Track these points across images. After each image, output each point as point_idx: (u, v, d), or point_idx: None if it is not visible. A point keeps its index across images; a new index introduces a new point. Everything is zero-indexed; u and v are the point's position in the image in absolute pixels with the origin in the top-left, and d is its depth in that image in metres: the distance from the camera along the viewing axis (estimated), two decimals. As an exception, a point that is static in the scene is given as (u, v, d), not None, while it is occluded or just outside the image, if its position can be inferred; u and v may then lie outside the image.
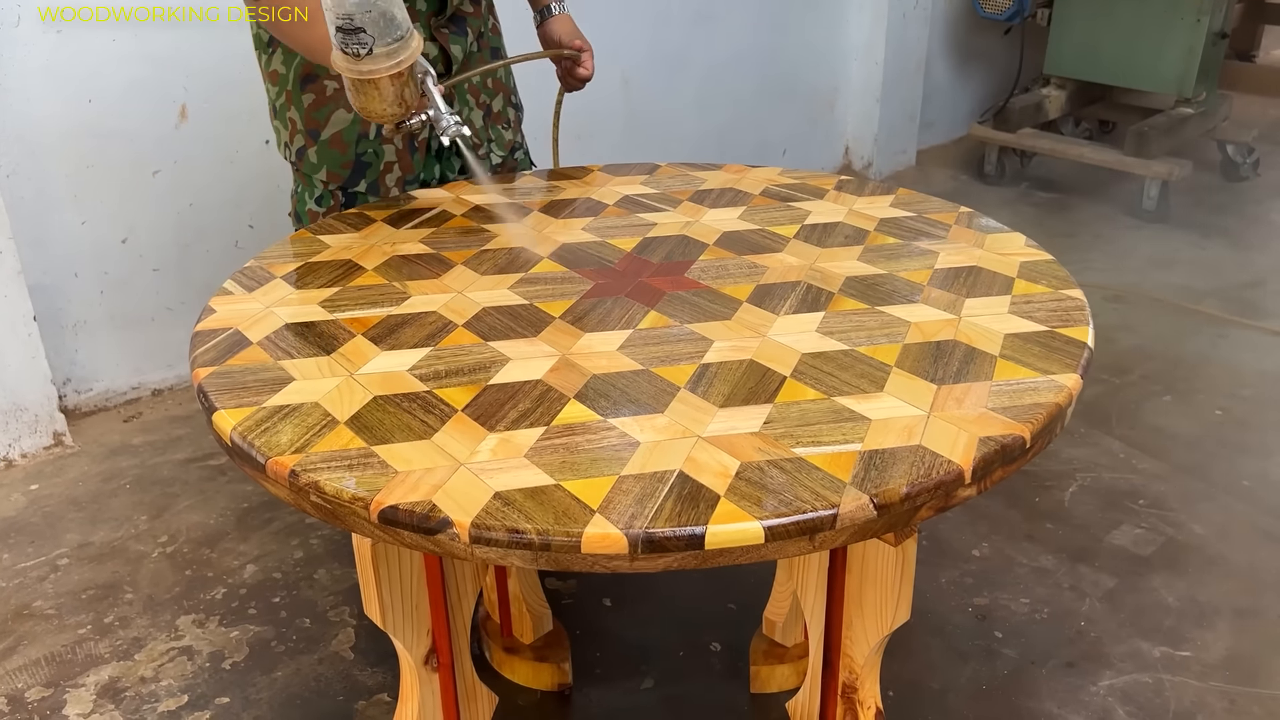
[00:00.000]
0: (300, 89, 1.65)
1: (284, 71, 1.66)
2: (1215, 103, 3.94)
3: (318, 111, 1.65)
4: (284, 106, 1.68)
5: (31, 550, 2.10)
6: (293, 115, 1.67)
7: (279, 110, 1.70)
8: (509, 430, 0.97)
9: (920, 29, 4.17)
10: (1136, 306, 3.10)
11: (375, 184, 1.69)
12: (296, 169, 1.73)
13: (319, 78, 1.64)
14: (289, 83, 1.66)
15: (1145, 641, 1.83)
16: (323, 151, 1.67)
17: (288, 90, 1.66)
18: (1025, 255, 1.36)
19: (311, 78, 1.64)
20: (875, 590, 1.15)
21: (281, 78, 1.66)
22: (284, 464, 0.93)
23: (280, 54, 1.65)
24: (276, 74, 1.67)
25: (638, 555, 0.84)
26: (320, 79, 1.64)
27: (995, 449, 0.93)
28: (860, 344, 1.12)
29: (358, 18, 1.26)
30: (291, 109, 1.67)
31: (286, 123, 1.69)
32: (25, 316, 2.33)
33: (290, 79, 1.65)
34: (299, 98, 1.65)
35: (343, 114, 1.65)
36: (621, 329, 1.17)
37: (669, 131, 3.64)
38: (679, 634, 1.87)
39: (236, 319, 1.21)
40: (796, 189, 1.64)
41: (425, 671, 1.25)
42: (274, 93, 1.69)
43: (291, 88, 1.66)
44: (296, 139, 1.69)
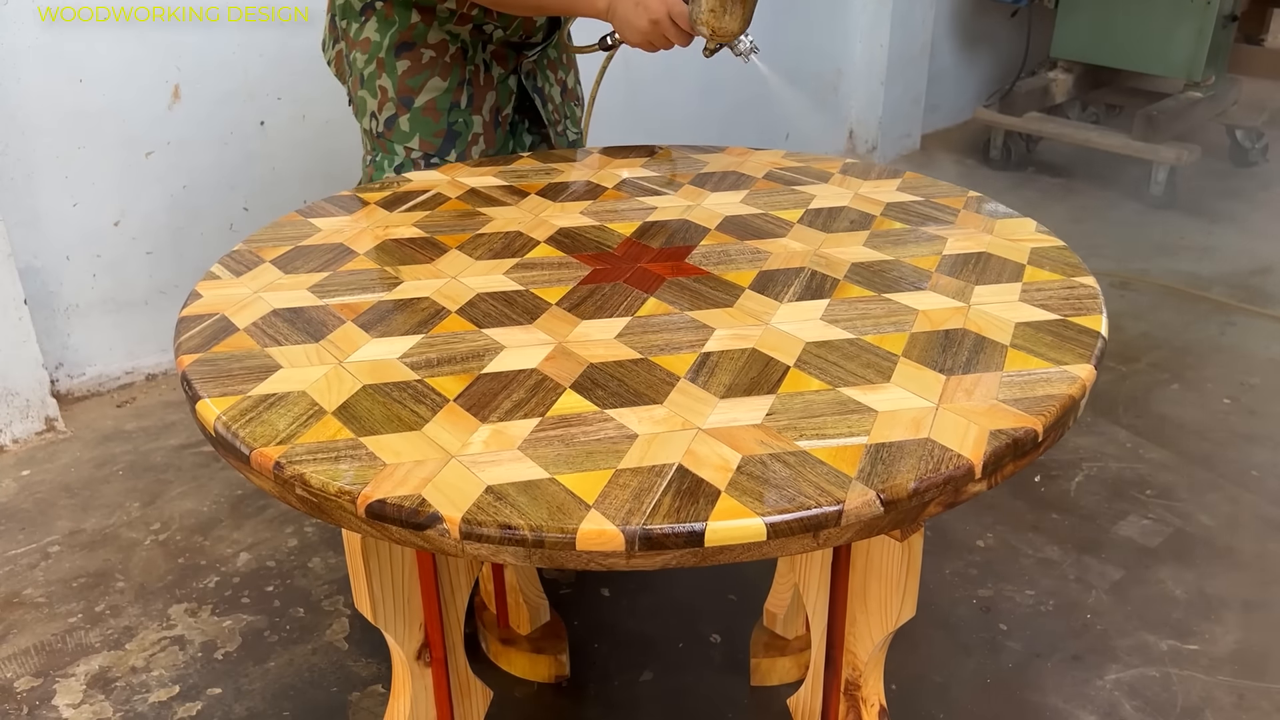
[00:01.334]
0: (395, 56, 1.65)
1: (377, 39, 1.66)
2: (1224, 87, 3.89)
3: (412, 79, 1.66)
4: (374, 74, 1.67)
5: (22, 537, 2.07)
6: (384, 83, 1.67)
7: (367, 79, 1.69)
8: (502, 421, 0.94)
9: (925, 11, 4.12)
10: (1144, 293, 3.07)
11: (463, 154, 1.70)
12: (382, 138, 1.71)
13: (415, 45, 1.65)
14: (382, 50, 1.66)
15: (1152, 634, 1.80)
16: (415, 119, 1.68)
17: (379, 58, 1.66)
18: (1036, 241, 1.32)
19: (408, 45, 1.65)
20: (880, 586, 1.12)
21: (374, 45, 1.66)
22: (269, 455, 0.90)
23: (375, 21, 1.65)
24: (369, 41, 1.67)
25: (634, 553, 0.80)
26: (416, 46, 1.65)
27: (1006, 443, 0.90)
28: (866, 333, 1.09)
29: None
30: (383, 76, 1.66)
31: (376, 91, 1.68)
32: (16, 300, 2.29)
33: (384, 46, 1.65)
34: (392, 65, 1.65)
35: (438, 81, 1.66)
36: (620, 316, 1.13)
37: (670, 113, 3.59)
38: (678, 625, 1.84)
39: (223, 304, 1.18)
40: (801, 172, 1.60)
41: (418, 666, 1.22)
42: (363, 61, 1.69)
43: (385, 55, 1.66)
44: (386, 107, 1.68)
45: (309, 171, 2.70)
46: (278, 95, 2.60)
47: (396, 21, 1.64)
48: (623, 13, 1.51)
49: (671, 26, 1.50)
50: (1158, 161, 3.67)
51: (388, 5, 1.65)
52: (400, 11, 1.64)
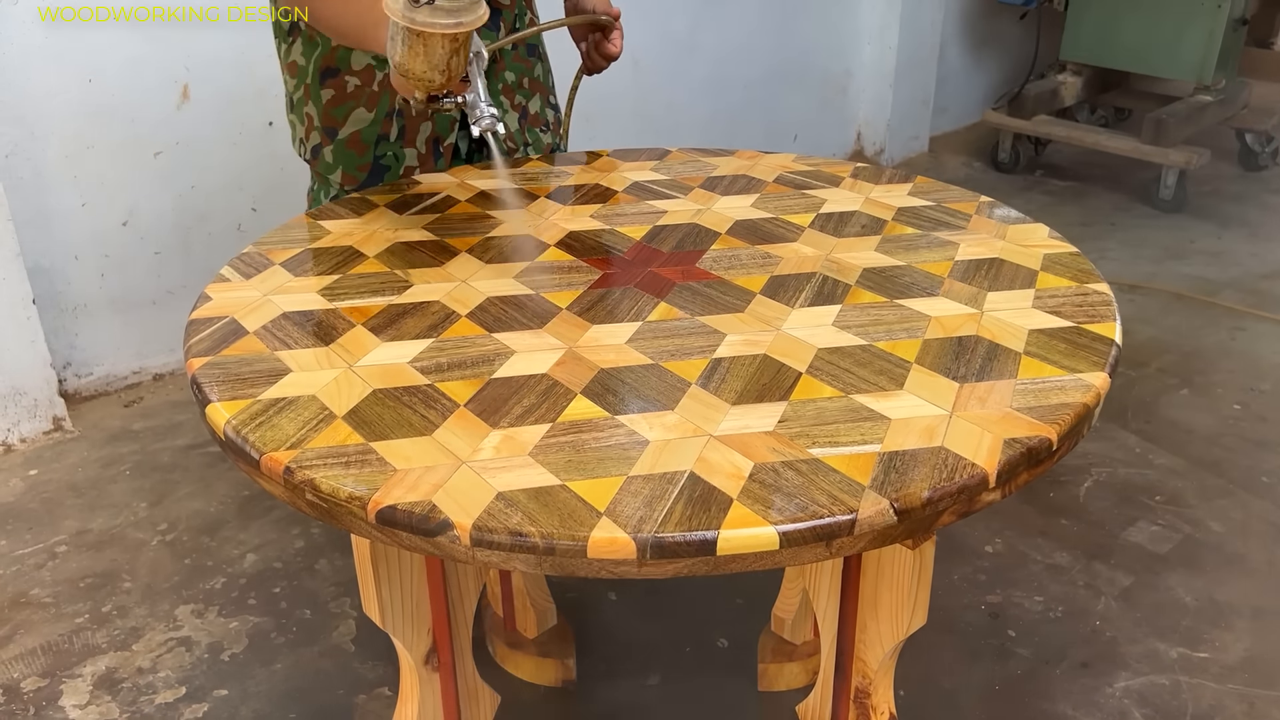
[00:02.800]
0: (319, 83, 1.56)
1: (303, 64, 1.57)
2: (1234, 90, 3.88)
3: (336, 108, 1.57)
4: (301, 100, 1.59)
5: (29, 537, 2.07)
6: (310, 110, 1.58)
7: (295, 104, 1.61)
8: (513, 427, 0.93)
9: (935, 12, 4.11)
10: (1153, 298, 3.06)
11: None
12: (312, 167, 1.64)
13: (340, 72, 1.55)
14: (308, 75, 1.57)
15: (1162, 642, 1.79)
16: (339, 151, 1.59)
17: (306, 84, 1.57)
18: (1048, 247, 1.31)
19: (332, 71, 1.55)
20: (891, 594, 1.11)
21: (300, 70, 1.57)
22: (278, 460, 0.89)
23: (300, 44, 1.56)
24: (295, 65, 1.58)
25: (646, 561, 0.80)
26: (341, 74, 1.55)
27: (1021, 452, 0.89)
28: (879, 339, 1.08)
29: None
30: (309, 104, 1.58)
31: (303, 118, 1.60)
32: (24, 299, 2.30)
33: (309, 72, 1.56)
34: (317, 92, 1.57)
35: (363, 112, 1.56)
36: (630, 321, 1.13)
37: (679, 115, 3.59)
38: (686, 630, 1.83)
39: (233, 307, 1.17)
40: (811, 176, 1.60)
41: (425, 671, 1.21)
42: (291, 85, 1.60)
43: (310, 81, 1.57)
44: (313, 136, 1.60)
45: (317, 172, 2.70)
46: (286, 96, 2.60)
47: (319, 44, 1.55)
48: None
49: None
50: (1167, 165, 3.66)
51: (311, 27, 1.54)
52: (323, 34, 1.53)
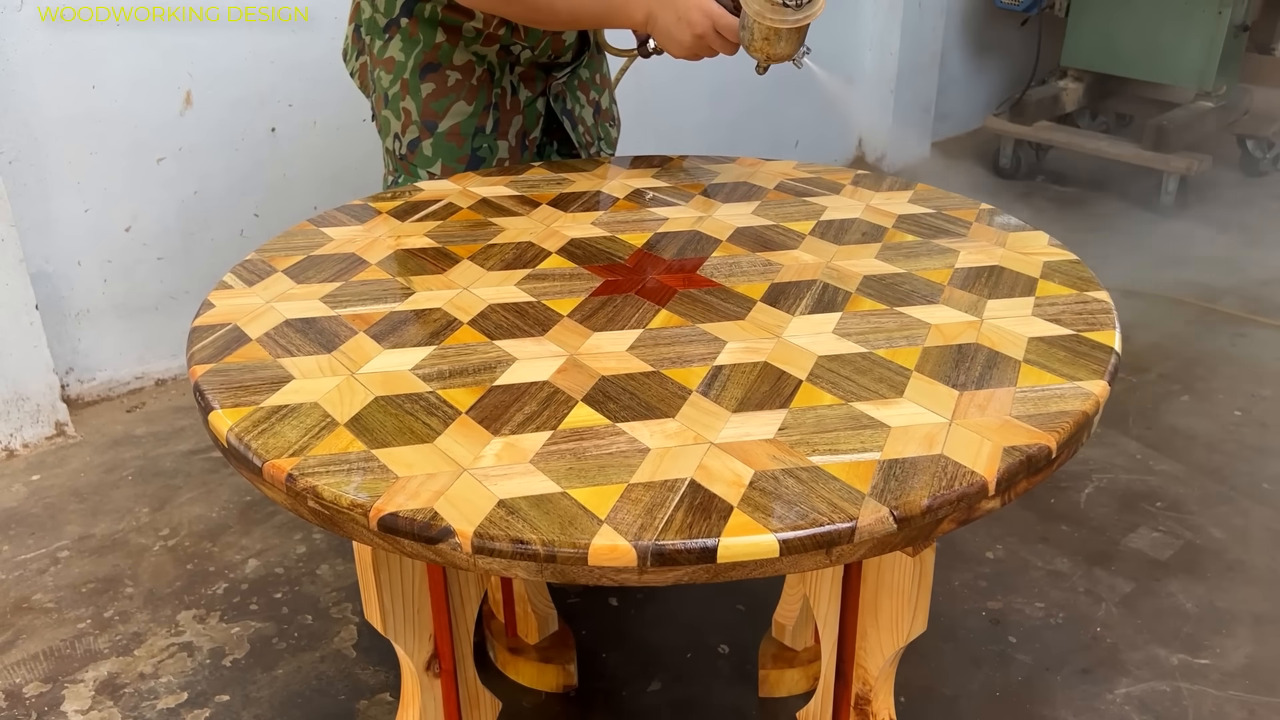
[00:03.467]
0: (419, 78, 1.59)
1: (402, 59, 1.60)
2: (1235, 96, 3.88)
3: (437, 102, 1.60)
4: (398, 95, 1.62)
5: (32, 542, 2.07)
6: (408, 105, 1.61)
7: (391, 100, 1.63)
8: (514, 434, 0.94)
9: (936, 19, 4.12)
10: (1154, 303, 3.06)
11: None
12: (405, 160, 1.66)
13: (441, 67, 1.59)
14: (406, 71, 1.60)
15: (1163, 648, 1.79)
16: (439, 144, 1.62)
17: (404, 79, 1.60)
18: (1048, 255, 1.32)
19: (433, 66, 1.59)
20: (891, 601, 1.11)
21: (399, 65, 1.61)
22: (281, 467, 0.90)
23: (399, 41, 1.60)
24: (393, 61, 1.61)
25: (647, 568, 0.80)
26: (443, 68, 1.59)
27: (1020, 460, 0.90)
28: (879, 346, 1.08)
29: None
30: (407, 98, 1.61)
31: (400, 113, 1.63)
32: (27, 305, 2.30)
33: (409, 67, 1.60)
34: (416, 87, 1.60)
35: (462, 105, 1.60)
36: (631, 329, 1.13)
37: (680, 122, 3.59)
38: (686, 636, 1.83)
39: (235, 314, 1.18)
40: (812, 183, 1.60)
41: (427, 677, 1.22)
42: (387, 80, 1.63)
43: (409, 76, 1.60)
44: (410, 130, 1.63)
45: (320, 178, 2.71)
46: (289, 102, 2.61)
47: (421, 40, 1.59)
48: (664, 25, 1.46)
49: (717, 38, 1.44)
50: (1168, 171, 3.67)
51: (413, 23, 1.60)
52: (425, 30, 1.60)
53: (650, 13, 1.46)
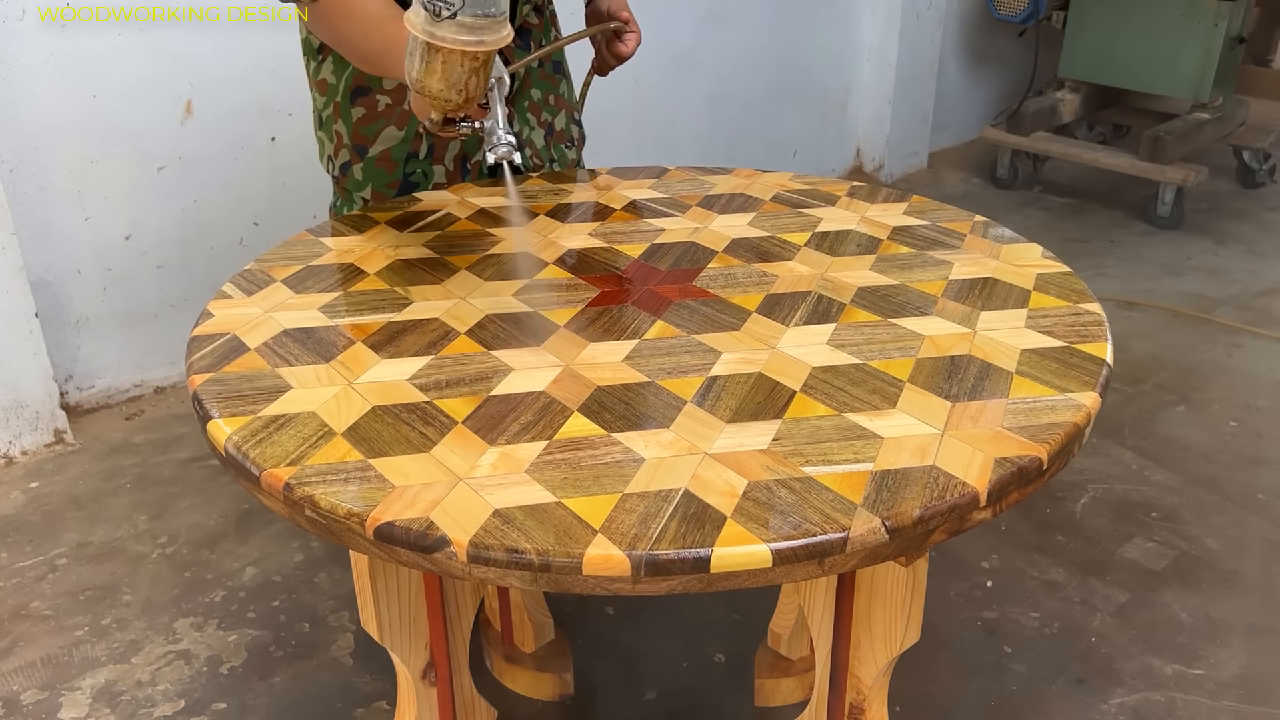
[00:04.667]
0: (350, 101, 1.58)
1: (334, 81, 1.58)
2: (1232, 108, 3.90)
3: (367, 126, 1.59)
4: (330, 118, 1.61)
5: (30, 549, 2.08)
6: (339, 128, 1.60)
7: (325, 121, 1.62)
8: (510, 444, 0.95)
9: (934, 30, 4.14)
10: (1150, 314, 3.07)
11: None
12: (339, 183, 1.66)
13: (371, 91, 1.57)
14: (338, 93, 1.58)
15: (1157, 658, 1.80)
16: (369, 169, 1.61)
17: (336, 101, 1.59)
18: (1042, 267, 1.33)
19: (363, 90, 1.57)
20: (885, 610, 1.12)
21: (330, 87, 1.59)
22: (279, 477, 0.91)
23: (331, 62, 1.58)
24: (325, 83, 1.60)
25: (641, 578, 0.81)
26: (372, 92, 1.57)
27: (1011, 471, 0.91)
28: (872, 358, 1.09)
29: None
30: (338, 121, 1.60)
31: (332, 135, 1.62)
32: (27, 313, 2.31)
33: (340, 89, 1.58)
34: (348, 110, 1.58)
35: (393, 130, 1.58)
36: (627, 339, 1.14)
37: (679, 131, 3.61)
38: (682, 644, 1.84)
39: (234, 324, 1.19)
40: (808, 195, 1.61)
41: (423, 686, 1.22)
42: (320, 102, 1.62)
43: (340, 99, 1.58)
44: (341, 153, 1.62)
45: (318, 187, 2.69)
46: (289, 111, 2.62)
47: (351, 65, 1.55)
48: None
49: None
50: (1165, 182, 3.68)
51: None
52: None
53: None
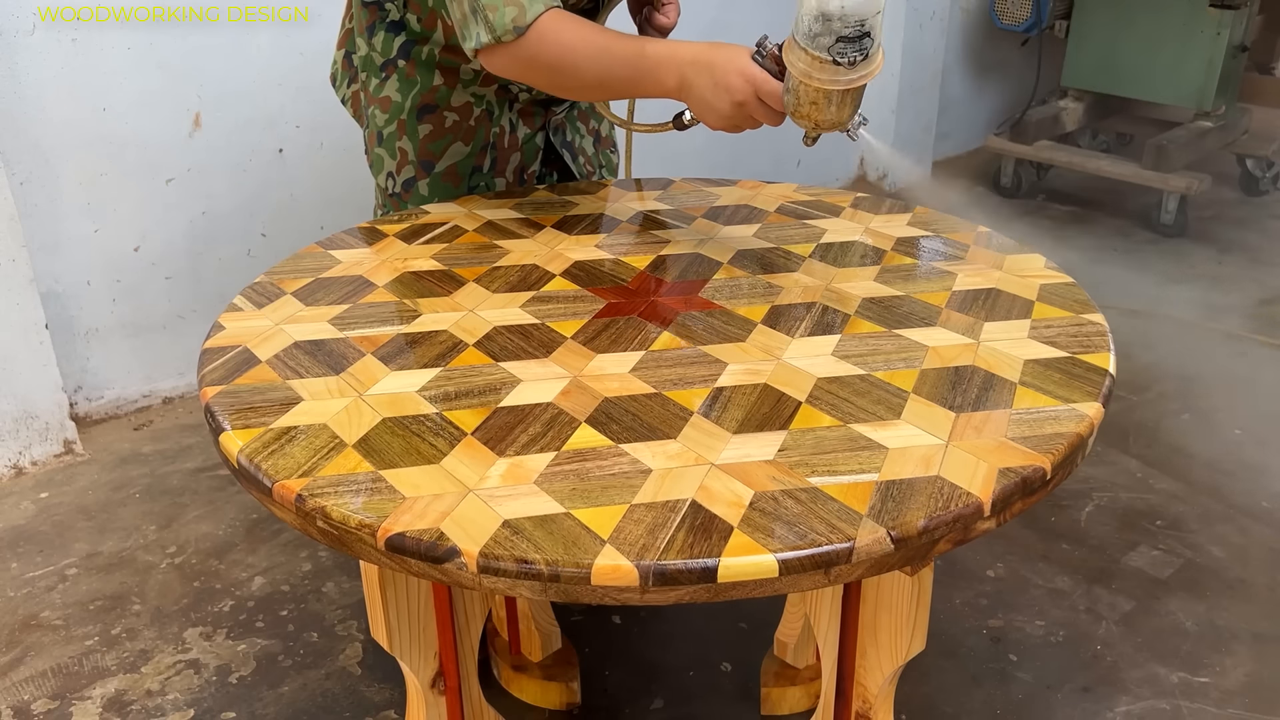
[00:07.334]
0: (417, 119, 1.60)
1: (399, 100, 1.60)
2: (1235, 116, 3.91)
3: (434, 143, 1.61)
4: (393, 135, 1.62)
5: (40, 559, 2.09)
6: (404, 145, 1.62)
7: (386, 138, 1.63)
8: (519, 455, 0.96)
9: (937, 39, 4.15)
10: (1154, 322, 3.07)
11: None
12: (398, 198, 1.67)
13: (438, 109, 1.59)
14: (403, 110, 1.60)
15: (1163, 666, 1.80)
16: (435, 184, 1.63)
17: (401, 119, 1.61)
18: (1045, 277, 1.34)
19: (430, 108, 1.59)
20: (890, 619, 1.13)
21: (395, 105, 1.61)
22: (290, 488, 0.92)
23: (396, 80, 1.60)
24: (389, 101, 1.61)
25: (649, 588, 0.82)
26: (440, 110, 1.59)
27: (1015, 481, 0.91)
28: (877, 369, 1.10)
29: (869, 21, 1.16)
30: (403, 138, 1.61)
31: (395, 152, 1.63)
32: (37, 324, 2.33)
33: (405, 108, 1.60)
34: (414, 127, 1.60)
35: (460, 146, 1.61)
36: (634, 350, 1.15)
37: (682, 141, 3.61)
38: (689, 653, 1.85)
39: (245, 336, 1.20)
40: (812, 206, 1.62)
41: (432, 695, 1.23)
42: (382, 120, 1.63)
43: (406, 116, 1.60)
44: (405, 170, 1.64)
45: (327, 199, 2.73)
46: (296, 123, 2.64)
47: (419, 82, 1.59)
48: (700, 92, 1.29)
49: (760, 106, 1.27)
50: (1168, 190, 3.69)
51: (410, 65, 1.59)
52: (423, 72, 1.59)
53: (684, 78, 1.30)
